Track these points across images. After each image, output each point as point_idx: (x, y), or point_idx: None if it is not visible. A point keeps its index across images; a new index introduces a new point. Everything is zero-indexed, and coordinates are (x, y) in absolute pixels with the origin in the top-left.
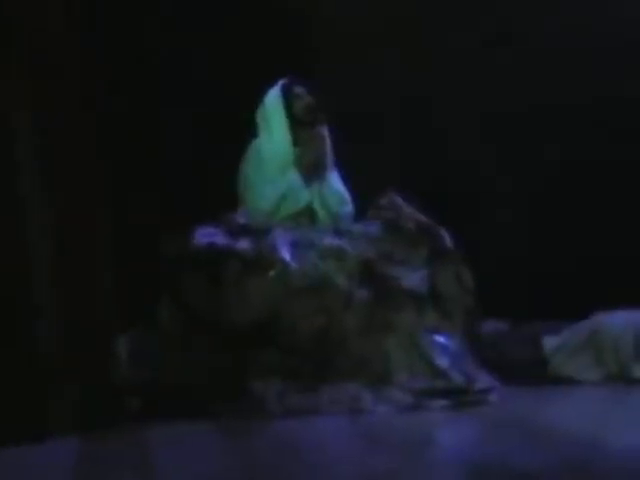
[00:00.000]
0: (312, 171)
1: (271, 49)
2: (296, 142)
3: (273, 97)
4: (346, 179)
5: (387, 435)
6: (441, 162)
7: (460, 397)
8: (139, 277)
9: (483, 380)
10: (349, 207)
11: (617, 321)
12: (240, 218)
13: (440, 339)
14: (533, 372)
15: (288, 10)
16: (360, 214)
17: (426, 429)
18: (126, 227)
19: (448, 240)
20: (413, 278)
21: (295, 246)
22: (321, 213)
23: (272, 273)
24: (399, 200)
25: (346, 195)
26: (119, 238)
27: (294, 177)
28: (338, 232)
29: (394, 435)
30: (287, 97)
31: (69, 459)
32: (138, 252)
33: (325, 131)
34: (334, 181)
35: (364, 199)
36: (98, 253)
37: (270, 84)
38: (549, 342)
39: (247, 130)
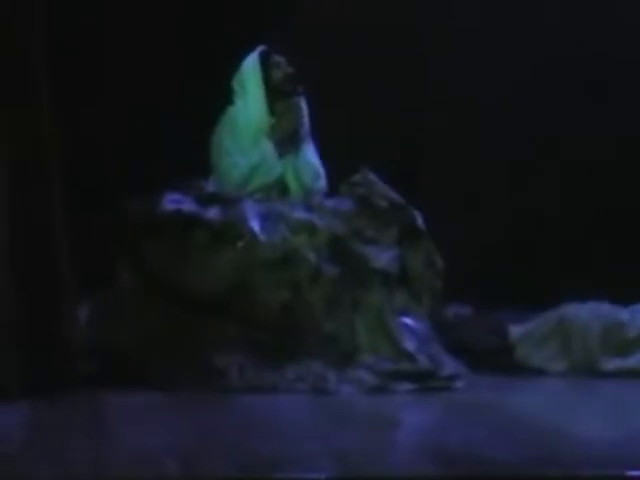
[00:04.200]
0: (287, 143)
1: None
2: (272, 112)
3: (251, 64)
4: (321, 152)
5: (352, 415)
6: (415, 136)
7: (426, 381)
8: (100, 240)
9: (449, 366)
10: (322, 181)
11: (585, 312)
12: (210, 186)
13: (408, 321)
14: (498, 360)
15: None
16: (333, 189)
17: (391, 411)
18: (87, 189)
19: (420, 220)
20: (383, 257)
21: (265, 218)
22: (293, 186)
23: (240, 244)
24: (373, 177)
25: (320, 169)
26: (78, 200)
27: (268, 148)
28: (309, 206)
29: (359, 415)
30: (265, 65)
31: (18, 424)
32: (99, 214)
33: (302, 102)
34: (309, 154)
35: (339, 174)
36: (56, 215)
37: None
38: (515, 330)
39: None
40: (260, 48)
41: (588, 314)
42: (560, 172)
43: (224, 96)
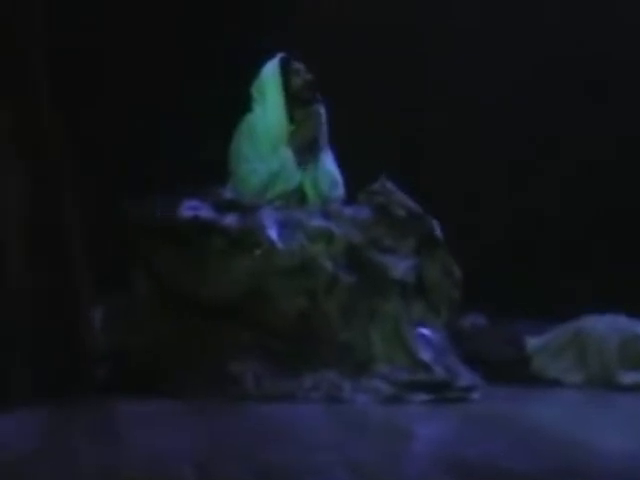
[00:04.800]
0: (306, 151)
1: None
2: (291, 119)
3: (270, 71)
4: (340, 161)
5: (367, 425)
6: (415, 136)
7: (442, 392)
8: (115, 245)
9: (466, 377)
10: (340, 190)
11: (602, 325)
12: (228, 193)
13: (425, 332)
14: (514, 371)
15: None
16: (351, 198)
17: (406, 422)
18: (103, 192)
19: (438, 230)
20: (401, 267)
21: (282, 226)
22: (311, 194)
23: (258, 252)
24: (391, 186)
25: (338, 177)
26: (92, 204)
27: (287, 156)
28: (327, 214)
29: (374, 425)
30: (285, 72)
31: (31, 428)
32: (115, 218)
33: (321, 110)
34: (327, 162)
35: (357, 183)
36: (70, 219)
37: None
38: (532, 342)
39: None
40: (280, 55)
41: (605, 327)
42: (560, 172)
43: (224, 96)
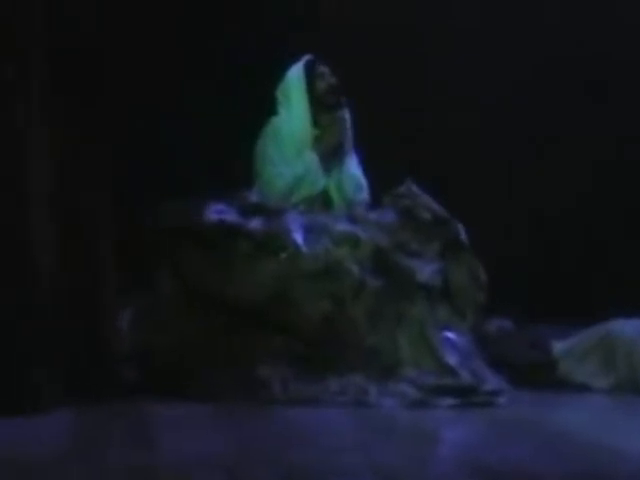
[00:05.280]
0: (331, 155)
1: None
2: (315, 123)
3: (296, 73)
4: (365, 165)
5: (393, 429)
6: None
7: (468, 397)
8: (142, 248)
9: (492, 381)
10: (365, 194)
11: (630, 328)
12: (253, 196)
13: (451, 336)
14: (541, 375)
15: None
16: (376, 201)
17: (433, 426)
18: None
19: (463, 234)
20: (426, 270)
21: (308, 230)
22: (336, 198)
23: (283, 255)
24: (416, 189)
25: (363, 181)
26: (121, 206)
27: (312, 160)
28: (352, 218)
29: (400, 429)
30: (310, 75)
31: (59, 431)
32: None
33: (346, 114)
34: (352, 166)
35: (382, 186)
36: (99, 221)
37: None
38: (558, 346)
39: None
40: (306, 58)
41: (633, 330)
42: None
43: (225, 96)
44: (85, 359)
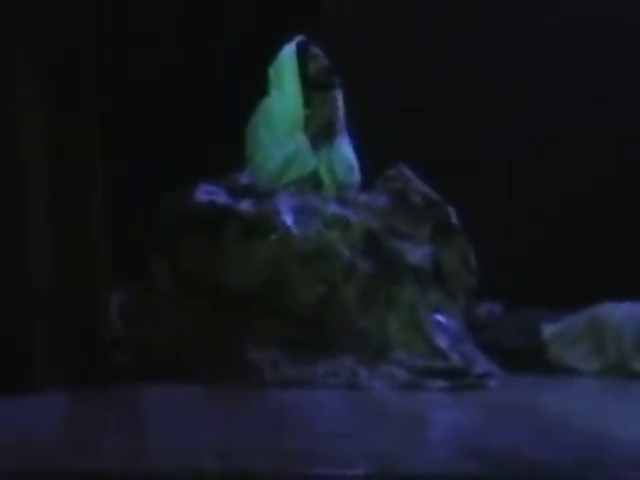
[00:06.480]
0: (321, 135)
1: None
2: (308, 104)
3: (288, 54)
4: (357, 147)
5: (386, 412)
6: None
7: (458, 380)
8: (134, 232)
9: (482, 364)
10: (356, 176)
11: (619, 312)
12: (243, 178)
13: (441, 319)
14: (531, 359)
15: None
16: (370, 184)
17: (424, 409)
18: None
19: (455, 217)
20: (417, 254)
21: (298, 212)
22: (327, 180)
23: (273, 237)
24: (408, 172)
25: (354, 163)
26: (114, 191)
27: (302, 141)
28: (343, 201)
29: (393, 413)
30: (302, 56)
31: (52, 415)
32: (134, 206)
33: (338, 96)
34: (344, 148)
35: (374, 169)
36: (93, 207)
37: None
38: (548, 329)
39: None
40: (298, 38)
41: (623, 314)
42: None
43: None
44: (80, 344)
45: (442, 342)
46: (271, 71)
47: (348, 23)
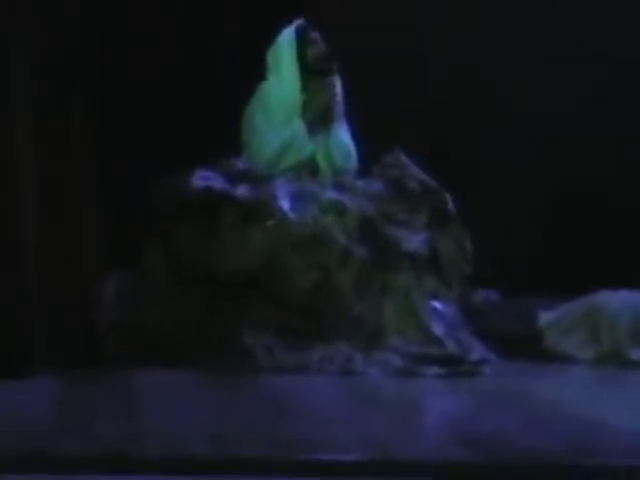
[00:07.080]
0: (318, 120)
1: None
2: (305, 90)
3: (286, 38)
4: (355, 133)
5: (381, 399)
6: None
7: (454, 366)
8: (128, 217)
9: (478, 351)
10: (353, 162)
11: (615, 300)
12: (240, 164)
13: (437, 305)
14: (526, 346)
15: None
16: (367, 171)
17: (419, 395)
18: (116, 165)
19: (451, 204)
20: (413, 240)
21: (295, 198)
22: (324, 166)
23: (270, 222)
24: (405, 159)
25: (352, 149)
26: (107, 175)
27: (299, 126)
28: (340, 187)
29: (388, 400)
30: (301, 41)
31: (45, 400)
32: (128, 191)
33: (337, 81)
34: (341, 134)
35: (371, 155)
36: (84, 191)
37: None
38: (544, 317)
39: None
40: (297, 22)
41: (618, 302)
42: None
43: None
44: (68, 330)
45: (437, 329)
46: (269, 55)
47: (348, 23)
